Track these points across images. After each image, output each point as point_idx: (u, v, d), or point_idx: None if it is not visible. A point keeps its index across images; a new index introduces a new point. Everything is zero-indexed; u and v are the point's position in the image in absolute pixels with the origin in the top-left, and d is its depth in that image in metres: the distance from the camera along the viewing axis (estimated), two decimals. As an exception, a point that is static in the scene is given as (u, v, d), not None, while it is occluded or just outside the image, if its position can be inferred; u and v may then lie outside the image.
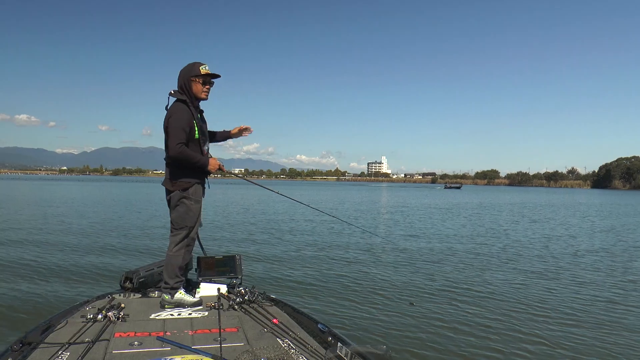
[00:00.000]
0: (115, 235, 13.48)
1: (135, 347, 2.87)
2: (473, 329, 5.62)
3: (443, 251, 11.77)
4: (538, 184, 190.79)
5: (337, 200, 39.34)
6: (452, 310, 6.40)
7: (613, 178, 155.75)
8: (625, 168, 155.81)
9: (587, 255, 11.71)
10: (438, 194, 63.82)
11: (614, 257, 11.45)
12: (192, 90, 3.85)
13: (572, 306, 6.82)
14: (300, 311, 3.61)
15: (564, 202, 46.43)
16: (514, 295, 7.33)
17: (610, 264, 10.44)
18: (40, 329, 3.14)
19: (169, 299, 3.77)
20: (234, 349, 2.81)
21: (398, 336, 5.30)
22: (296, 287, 7.60)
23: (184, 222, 3.84)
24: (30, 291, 6.90)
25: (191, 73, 3.83)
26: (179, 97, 3.82)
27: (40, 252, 10.23)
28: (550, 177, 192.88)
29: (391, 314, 6.13)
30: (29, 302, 6.35)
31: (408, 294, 7.21)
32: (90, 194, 42.36)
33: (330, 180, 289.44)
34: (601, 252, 12.31)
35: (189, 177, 3.83)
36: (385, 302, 6.74)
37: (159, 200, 31.15)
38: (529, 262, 10.39)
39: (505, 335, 5.43)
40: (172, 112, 3.77)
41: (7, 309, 5.99)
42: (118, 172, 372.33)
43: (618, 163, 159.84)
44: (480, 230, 17.36)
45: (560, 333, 5.55)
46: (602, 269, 9.79)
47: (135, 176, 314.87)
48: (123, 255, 10.22)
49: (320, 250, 11.46)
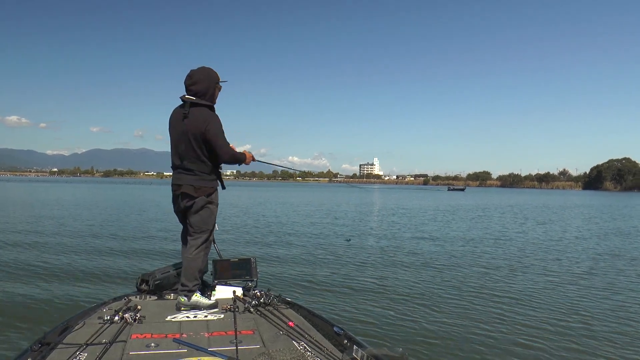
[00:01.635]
0: (129, 237, 13.52)
1: (152, 348, 2.88)
2: (493, 333, 5.57)
3: (460, 254, 11.74)
4: (530, 185, 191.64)
5: (352, 205, 39.12)
6: (470, 313, 6.38)
7: (604, 179, 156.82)
8: (616, 169, 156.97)
9: (603, 257, 11.76)
10: (444, 197, 63.26)
11: (631, 260, 11.43)
12: (214, 96, 3.88)
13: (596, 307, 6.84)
14: (315, 314, 3.59)
15: (562, 203, 46.78)
16: (538, 299, 7.31)
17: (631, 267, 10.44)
18: (59, 329, 3.14)
19: (186, 301, 3.77)
20: (250, 351, 2.82)
21: (414, 339, 5.29)
22: (311, 289, 7.62)
23: (206, 226, 3.88)
24: (48, 293, 6.96)
25: (217, 79, 3.86)
26: (204, 102, 3.80)
27: (56, 255, 10.29)
28: (541, 179, 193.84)
29: (407, 317, 6.12)
30: (47, 303, 6.41)
31: (424, 297, 7.21)
32: (94, 196, 42.13)
33: (322, 182, 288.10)
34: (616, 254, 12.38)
35: (212, 182, 3.86)
36: (402, 305, 6.73)
37: (165, 203, 31.06)
38: (548, 265, 10.39)
39: (530, 340, 5.39)
40: (208, 118, 3.74)
41: (27, 310, 6.07)
42: (109, 174, 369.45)
43: (609, 164, 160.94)
44: (499, 233, 17.37)
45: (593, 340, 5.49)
46: (626, 272, 9.80)
47: (127, 178, 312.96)
48: (138, 257, 10.27)
49: (333, 252, 11.50)
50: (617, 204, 49.13)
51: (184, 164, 3.79)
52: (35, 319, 5.70)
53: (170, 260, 6.55)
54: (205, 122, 3.71)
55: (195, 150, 3.74)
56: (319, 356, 2.79)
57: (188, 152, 3.76)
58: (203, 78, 3.81)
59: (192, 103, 3.78)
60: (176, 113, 3.87)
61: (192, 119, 3.72)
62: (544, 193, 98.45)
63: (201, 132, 3.70)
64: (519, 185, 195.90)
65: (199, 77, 3.80)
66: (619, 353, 5.09)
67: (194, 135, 3.71)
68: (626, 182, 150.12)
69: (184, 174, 3.82)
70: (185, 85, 3.84)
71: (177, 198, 3.93)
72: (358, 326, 5.65)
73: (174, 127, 3.85)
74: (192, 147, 3.74)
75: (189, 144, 3.74)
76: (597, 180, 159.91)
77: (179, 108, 3.86)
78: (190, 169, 3.79)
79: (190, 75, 3.83)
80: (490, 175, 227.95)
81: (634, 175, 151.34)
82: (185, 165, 3.79)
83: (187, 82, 3.82)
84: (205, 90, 3.81)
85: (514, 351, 5.06)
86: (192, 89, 3.80)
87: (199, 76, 3.81)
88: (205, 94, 3.81)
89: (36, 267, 8.81)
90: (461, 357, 4.86)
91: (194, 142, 3.72)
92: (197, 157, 3.76)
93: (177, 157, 3.84)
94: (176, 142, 3.81)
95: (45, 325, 5.04)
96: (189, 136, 3.72)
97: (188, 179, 3.81)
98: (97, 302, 4.04)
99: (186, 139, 3.73)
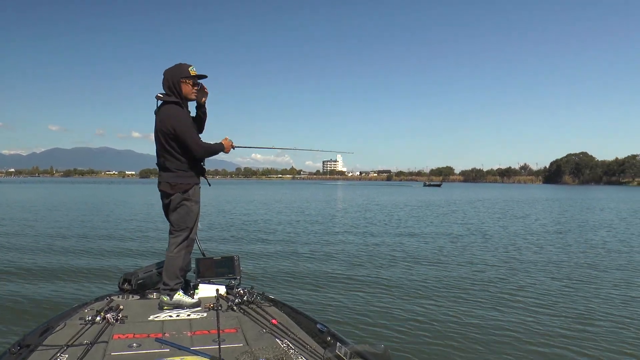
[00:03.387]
0: (110, 237, 13.36)
1: (134, 348, 2.87)
2: (473, 327, 5.64)
3: (440, 249, 11.89)
4: (492, 179, 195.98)
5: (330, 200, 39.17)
6: (451, 308, 6.44)
7: (563, 173, 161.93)
8: (574, 164, 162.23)
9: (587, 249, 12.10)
10: (421, 192, 63.39)
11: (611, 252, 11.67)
12: (182, 91, 3.85)
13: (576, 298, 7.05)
14: (299, 311, 3.62)
15: (529, 197, 48.02)
16: (510, 290, 7.48)
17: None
18: (39, 331, 3.10)
19: (168, 300, 3.76)
20: (233, 350, 2.82)
21: (397, 335, 5.35)
22: (294, 286, 7.63)
23: (185, 224, 3.86)
24: (28, 294, 6.83)
25: (181, 74, 3.82)
26: (170, 99, 3.80)
27: (36, 255, 10.13)
28: (503, 173, 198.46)
29: (390, 313, 6.18)
30: (27, 304, 6.29)
31: (407, 293, 7.27)
32: (60, 196, 41.00)
33: (285, 179, 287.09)
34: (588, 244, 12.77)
35: (187, 179, 3.84)
36: (384, 301, 6.79)
37: (142, 202, 30.68)
38: (523, 258, 10.64)
39: (506, 331, 5.51)
40: (172, 114, 3.74)
41: (5, 312, 5.96)
42: (69, 173, 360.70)
43: (568, 159, 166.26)
44: (473, 226, 17.74)
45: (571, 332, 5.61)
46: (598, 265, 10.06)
47: (88, 177, 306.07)
48: (121, 257, 10.16)
49: (317, 250, 11.52)
50: (578, 196, 51.00)
51: (161, 161, 3.83)
52: (14, 320, 5.60)
53: (154, 259, 6.51)
54: (170, 118, 3.72)
55: (167, 148, 3.76)
56: (302, 354, 2.81)
57: (161, 149, 3.79)
58: (167, 76, 3.84)
59: (162, 101, 3.83)
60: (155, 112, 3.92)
61: (160, 117, 3.77)
62: (507, 187, 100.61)
63: (168, 129, 3.71)
64: (481, 180, 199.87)
65: (164, 75, 3.86)
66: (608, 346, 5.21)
67: (162, 133, 3.74)
68: (584, 176, 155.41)
69: (162, 172, 3.85)
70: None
71: (161, 196, 3.95)
72: (341, 323, 5.69)
73: (154, 125, 3.87)
74: (163, 144, 3.76)
75: (161, 141, 3.77)
76: (556, 174, 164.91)
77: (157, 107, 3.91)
78: (166, 166, 3.81)
79: (163, 73, 3.89)
80: (452, 170, 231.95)
81: (591, 169, 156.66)
82: (161, 162, 3.83)
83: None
84: (171, 87, 3.83)
85: (495, 343, 5.16)
86: (163, 87, 3.86)
87: (165, 74, 3.87)
88: (171, 90, 3.83)
89: (14, 268, 8.64)
90: (443, 352, 4.93)
91: (163, 140, 3.75)
92: (170, 154, 3.78)
93: (157, 156, 3.88)
94: (154, 140, 3.85)
95: (25, 327, 4.93)
96: (160, 134, 3.76)
97: (165, 176, 3.83)
98: (78, 302, 3.99)
99: (158, 137, 3.77)
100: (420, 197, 45.77)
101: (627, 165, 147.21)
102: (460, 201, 38.59)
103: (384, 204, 33.69)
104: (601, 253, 11.37)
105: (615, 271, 9.10)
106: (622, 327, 5.72)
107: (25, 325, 5.13)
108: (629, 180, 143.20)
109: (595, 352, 4.94)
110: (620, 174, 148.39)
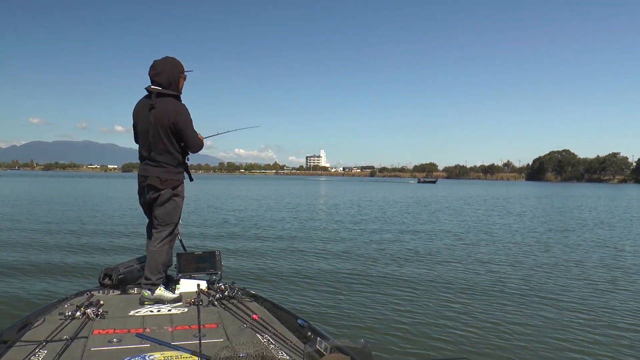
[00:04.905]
0: (91, 232, 13.21)
1: (114, 344, 2.86)
2: (454, 322, 5.71)
3: (423, 244, 12.00)
4: (475, 176, 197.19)
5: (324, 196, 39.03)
6: (431, 303, 6.53)
7: (546, 170, 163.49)
8: (556, 161, 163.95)
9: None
10: (418, 189, 62.82)
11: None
12: (179, 86, 3.85)
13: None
14: (279, 306, 3.64)
15: (517, 194, 48.57)
16: (489, 284, 7.70)
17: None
18: (17, 327, 3.08)
19: (149, 295, 3.74)
20: (214, 345, 2.83)
21: (376, 330, 5.40)
22: (275, 281, 7.65)
23: (171, 219, 3.86)
24: (6, 289, 6.74)
25: (181, 69, 3.84)
26: (169, 93, 3.77)
27: (15, 250, 9.97)
28: (486, 170, 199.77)
29: (370, 308, 6.23)
30: (5, 299, 6.21)
31: (387, 288, 7.34)
32: (41, 190, 40.10)
33: (269, 174, 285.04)
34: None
35: (177, 175, 3.84)
36: (364, 296, 6.85)
37: (124, 197, 30.36)
38: (499, 252, 10.83)
39: (486, 324, 5.62)
40: (176, 109, 3.72)
41: None
42: (50, 167, 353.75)
43: (550, 156, 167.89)
44: (471, 223, 17.95)
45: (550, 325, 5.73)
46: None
47: (69, 171, 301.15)
48: (101, 252, 10.07)
49: (298, 245, 11.58)
50: (562, 193, 52.00)
51: (152, 155, 3.76)
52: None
53: (134, 254, 6.46)
54: (174, 113, 3.69)
55: (164, 142, 3.72)
56: (283, 348, 2.83)
57: (156, 143, 3.73)
58: (167, 68, 3.79)
59: (159, 93, 3.75)
60: (142, 104, 3.82)
61: (159, 110, 3.70)
62: (492, 184, 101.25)
63: (170, 123, 3.68)
64: (464, 176, 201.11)
65: (163, 68, 3.78)
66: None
67: (162, 127, 3.69)
68: (566, 173, 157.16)
69: (151, 166, 3.79)
70: (150, 76, 3.80)
71: (143, 190, 3.90)
72: (322, 318, 5.72)
73: (140, 118, 3.80)
74: (161, 138, 3.71)
75: (157, 135, 3.71)
76: (539, 172, 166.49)
77: (145, 99, 3.81)
78: (157, 160, 3.76)
79: (154, 65, 3.80)
80: (436, 166, 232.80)
81: (573, 166, 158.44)
82: (152, 156, 3.77)
83: (151, 73, 3.79)
84: (171, 81, 3.79)
85: (477, 338, 5.22)
86: (157, 79, 3.77)
87: (163, 67, 3.78)
88: (170, 84, 3.79)
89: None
90: (422, 346, 4.98)
91: (162, 134, 3.70)
92: (166, 148, 3.74)
93: (144, 149, 3.81)
94: (144, 133, 3.77)
95: (3, 322, 4.83)
96: (157, 128, 3.69)
97: (154, 170, 3.78)
98: (58, 297, 3.97)
99: (154, 130, 3.70)
100: (423, 193, 45.83)
101: (607, 163, 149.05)
102: (452, 198, 38.86)
103: (399, 199, 33.72)
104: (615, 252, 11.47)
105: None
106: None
107: (3, 321, 5.00)
108: (609, 177, 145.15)
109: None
110: (602, 171, 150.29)
